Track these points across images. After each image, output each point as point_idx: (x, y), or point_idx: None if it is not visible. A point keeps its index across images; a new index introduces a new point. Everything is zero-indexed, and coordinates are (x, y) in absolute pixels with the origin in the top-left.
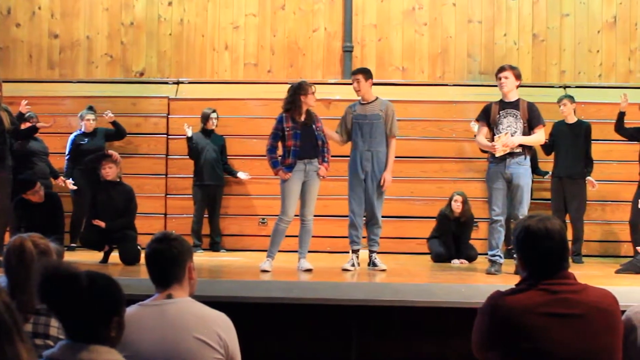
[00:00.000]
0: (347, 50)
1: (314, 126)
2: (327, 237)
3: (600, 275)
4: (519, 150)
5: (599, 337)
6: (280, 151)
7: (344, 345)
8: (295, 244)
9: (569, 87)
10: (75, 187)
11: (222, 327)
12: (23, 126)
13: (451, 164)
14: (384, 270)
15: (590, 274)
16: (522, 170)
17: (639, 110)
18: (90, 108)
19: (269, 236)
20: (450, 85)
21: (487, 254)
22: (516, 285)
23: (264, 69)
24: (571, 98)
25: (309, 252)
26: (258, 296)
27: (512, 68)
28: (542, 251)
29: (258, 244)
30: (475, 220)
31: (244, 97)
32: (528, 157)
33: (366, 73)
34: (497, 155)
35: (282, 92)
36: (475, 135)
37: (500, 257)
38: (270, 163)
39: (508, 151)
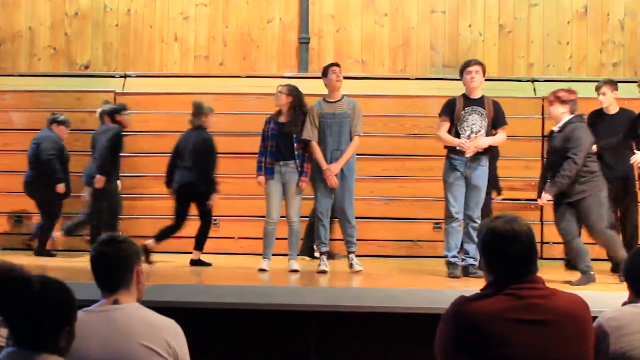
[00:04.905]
0: (304, 42)
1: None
2: (281, 239)
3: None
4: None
5: (569, 344)
6: None
7: (302, 353)
8: (256, 247)
9: (537, 80)
10: None
11: (171, 334)
12: None
13: (413, 161)
14: (359, 271)
15: (559, 278)
16: (480, 172)
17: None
18: None
19: (220, 238)
20: (412, 79)
21: (445, 256)
22: (481, 290)
23: (215, 61)
24: None
25: (259, 254)
26: (209, 301)
27: (481, 63)
28: (509, 254)
29: (210, 247)
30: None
31: (195, 92)
32: (487, 158)
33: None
34: (468, 155)
35: (234, 85)
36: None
37: (460, 259)
38: (256, 167)
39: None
